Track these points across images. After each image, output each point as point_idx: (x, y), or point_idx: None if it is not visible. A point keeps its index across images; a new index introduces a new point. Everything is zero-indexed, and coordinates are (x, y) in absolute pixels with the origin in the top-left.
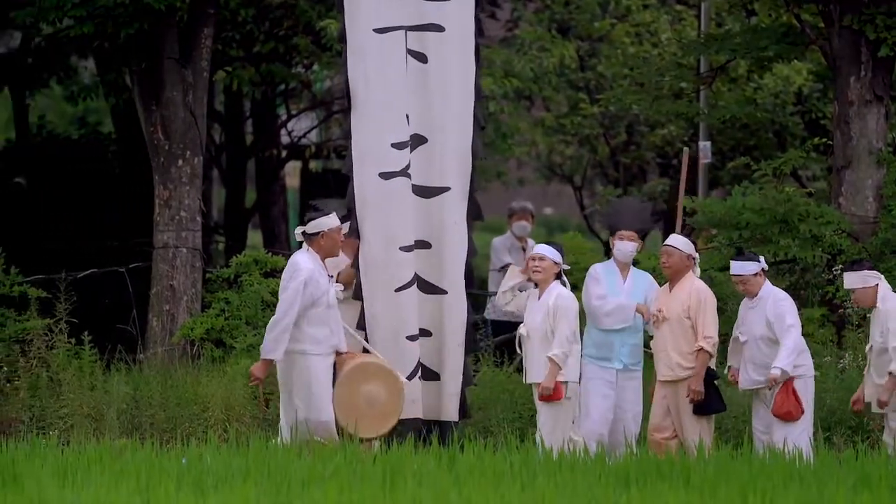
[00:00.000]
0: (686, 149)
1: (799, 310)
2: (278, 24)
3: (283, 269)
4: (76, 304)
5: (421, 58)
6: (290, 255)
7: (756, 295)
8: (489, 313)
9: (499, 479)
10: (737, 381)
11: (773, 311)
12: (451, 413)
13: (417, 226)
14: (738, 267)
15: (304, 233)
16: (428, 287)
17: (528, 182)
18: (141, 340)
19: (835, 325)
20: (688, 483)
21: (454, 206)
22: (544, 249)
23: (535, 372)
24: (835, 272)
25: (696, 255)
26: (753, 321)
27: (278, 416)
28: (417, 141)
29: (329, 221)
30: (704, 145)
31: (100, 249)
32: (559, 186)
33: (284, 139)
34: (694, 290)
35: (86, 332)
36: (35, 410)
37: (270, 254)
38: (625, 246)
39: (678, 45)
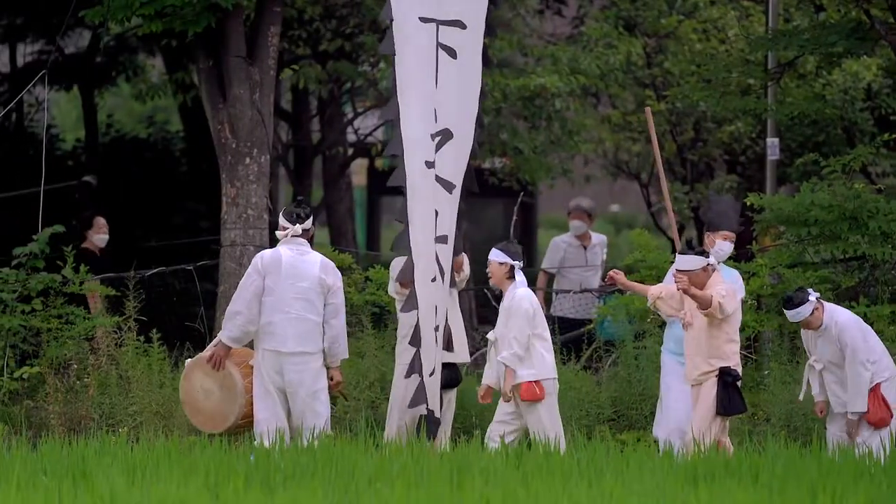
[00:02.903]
0: (648, 108)
1: (868, 307)
2: (345, 22)
3: (349, 266)
4: (145, 302)
5: (452, 53)
6: (355, 253)
7: (820, 326)
8: (555, 310)
9: (566, 477)
10: (822, 412)
11: (840, 339)
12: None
13: (443, 220)
14: (795, 315)
15: (305, 229)
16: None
17: (595, 179)
18: (209, 338)
19: None
20: (756, 480)
21: (457, 203)
22: (491, 254)
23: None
24: None
25: (713, 261)
26: (824, 348)
27: (345, 412)
28: (446, 136)
29: None
30: (772, 142)
31: (168, 247)
32: (626, 183)
33: (351, 137)
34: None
35: (154, 330)
36: (105, 408)
37: (337, 251)
38: (726, 246)
39: (746, 42)
